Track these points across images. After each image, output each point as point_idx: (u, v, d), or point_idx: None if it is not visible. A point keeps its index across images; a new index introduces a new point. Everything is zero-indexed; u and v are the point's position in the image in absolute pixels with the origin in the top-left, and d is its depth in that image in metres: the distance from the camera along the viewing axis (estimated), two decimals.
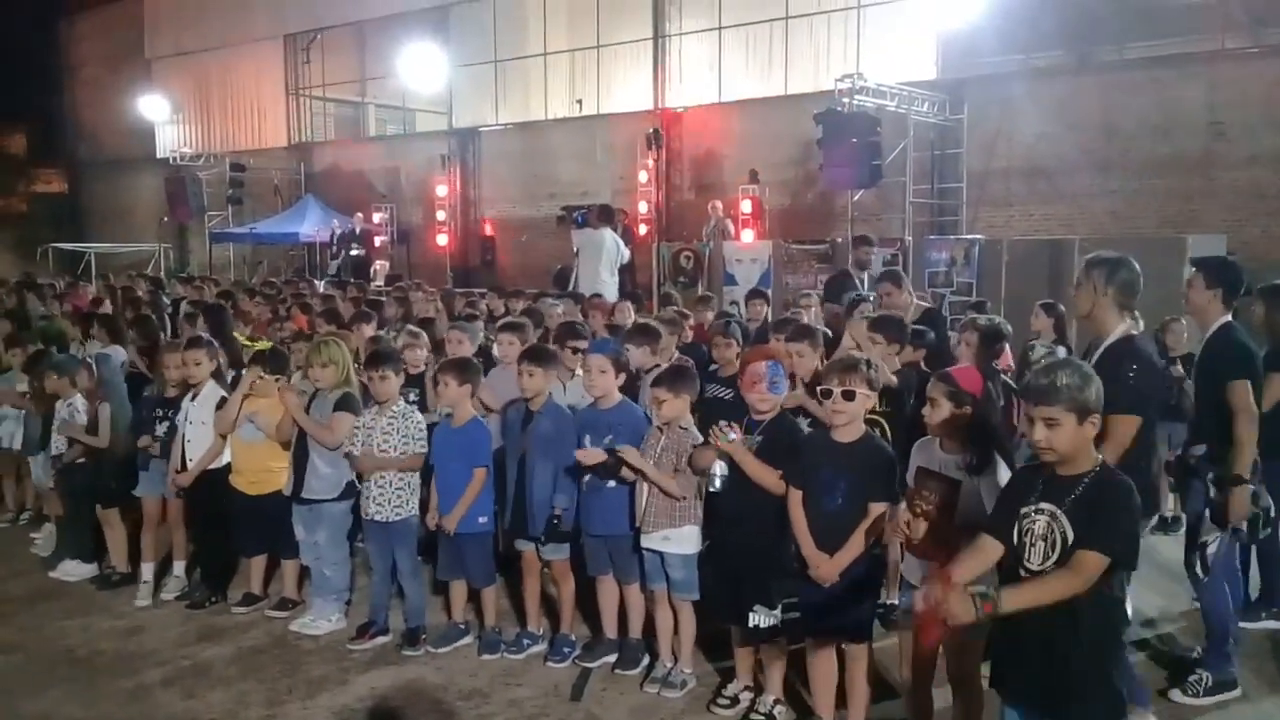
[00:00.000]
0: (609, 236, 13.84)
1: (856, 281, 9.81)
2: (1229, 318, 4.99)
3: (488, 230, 24.04)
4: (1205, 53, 15.92)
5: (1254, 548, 5.47)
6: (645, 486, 4.99)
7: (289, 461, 5.98)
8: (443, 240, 23.41)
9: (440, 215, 23.49)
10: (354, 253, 22.62)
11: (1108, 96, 16.38)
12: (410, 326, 7.89)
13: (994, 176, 17.52)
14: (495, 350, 7.30)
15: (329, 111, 29.31)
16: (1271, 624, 5.71)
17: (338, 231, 23.23)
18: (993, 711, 3.56)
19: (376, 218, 24.23)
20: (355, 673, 5.35)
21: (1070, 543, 3.07)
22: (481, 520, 5.53)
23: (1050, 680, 3.12)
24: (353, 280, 17.67)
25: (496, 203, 24.54)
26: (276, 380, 6.17)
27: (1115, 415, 4.06)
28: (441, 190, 23.67)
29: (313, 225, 24.49)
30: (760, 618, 4.55)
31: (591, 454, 5.02)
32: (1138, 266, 4.47)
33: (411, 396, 6.30)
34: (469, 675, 5.29)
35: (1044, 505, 3.16)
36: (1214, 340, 4.98)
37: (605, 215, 14.38)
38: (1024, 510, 3.21)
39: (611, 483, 5.13)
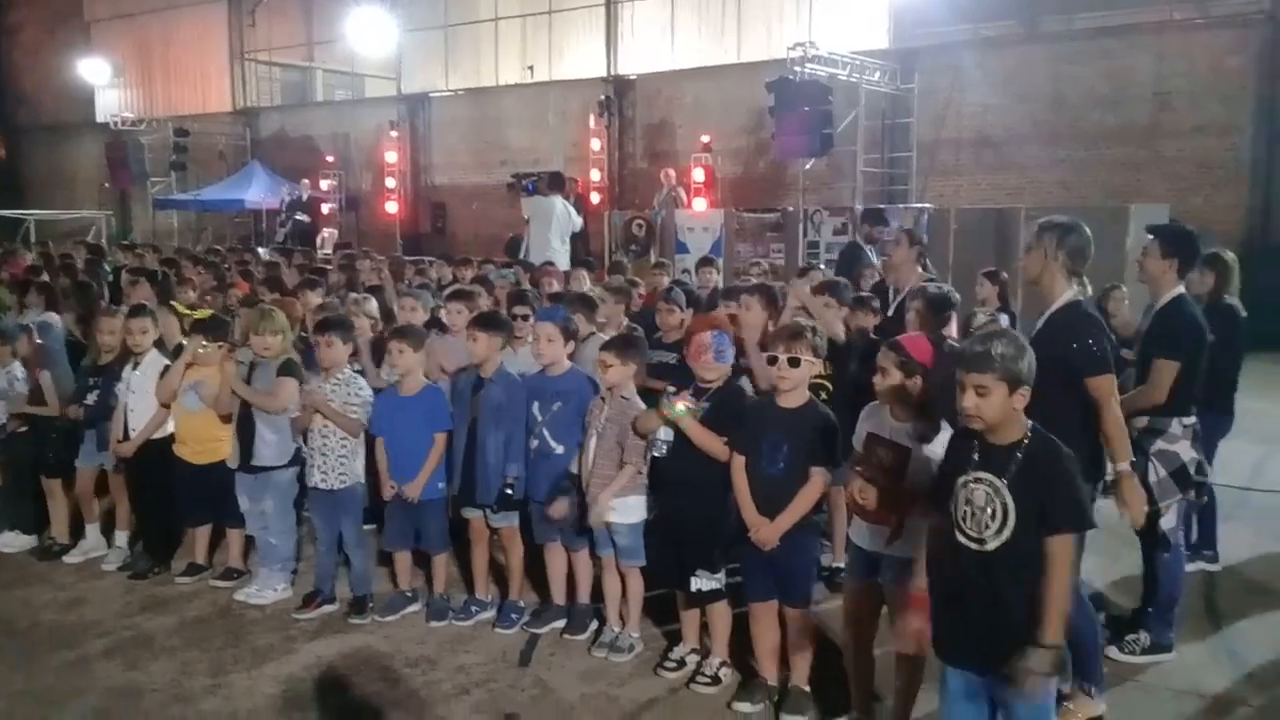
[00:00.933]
0: (559, 204, 13.78)
1: (867, 253, 9.81)
2: (1182, 289, 4.98)
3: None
4: (1152, 23, 16.13)
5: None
6: (591, 457, 5.01)
7: (233, 431, 5.92)
8: (392, 208, 23.25)
9: (390, 182, 23.32)
10: (299, 217, 22.29)
11: (1056, 67, 16.56)
12: (355, 294, 7.82)
13: (943, 146, 17.68)
14: (444, 318, 7.28)
15: (275, 76, 28.82)
16: (1203, 565, 5.83)
17: (286, 198, 22.88)
18: (932, 673, 3.64)
19: (324, 184, 23.93)
20: (301, 641, 5.34)
21: (1013, 516, 3.12)
22: (440, 486, 5.55)
23: (993, 640, 3.17)
24: (299, 248, 17.44)
25: (447, 170, 24.34)
26: (220, 347, 6.10)
27: (1093, 378, 4.15)
28: (391, 157, 23.47)
29: (259, 192, 24.13)
30: (703, 582, 4.61)
31: (558, 508, 5.07)
32: (1089, 232, 4.47)
33: (355, 366, 6.25)
34: (416, 643, 5.30)
35: (984, 475, 3.21)
36: (1163, 314, 4.96)
37: (555, 183, 14.31)
38: (962, 479, 3.26)
39: (559, 449, 5.15)
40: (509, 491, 5.28)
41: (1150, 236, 5.08)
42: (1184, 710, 4.56)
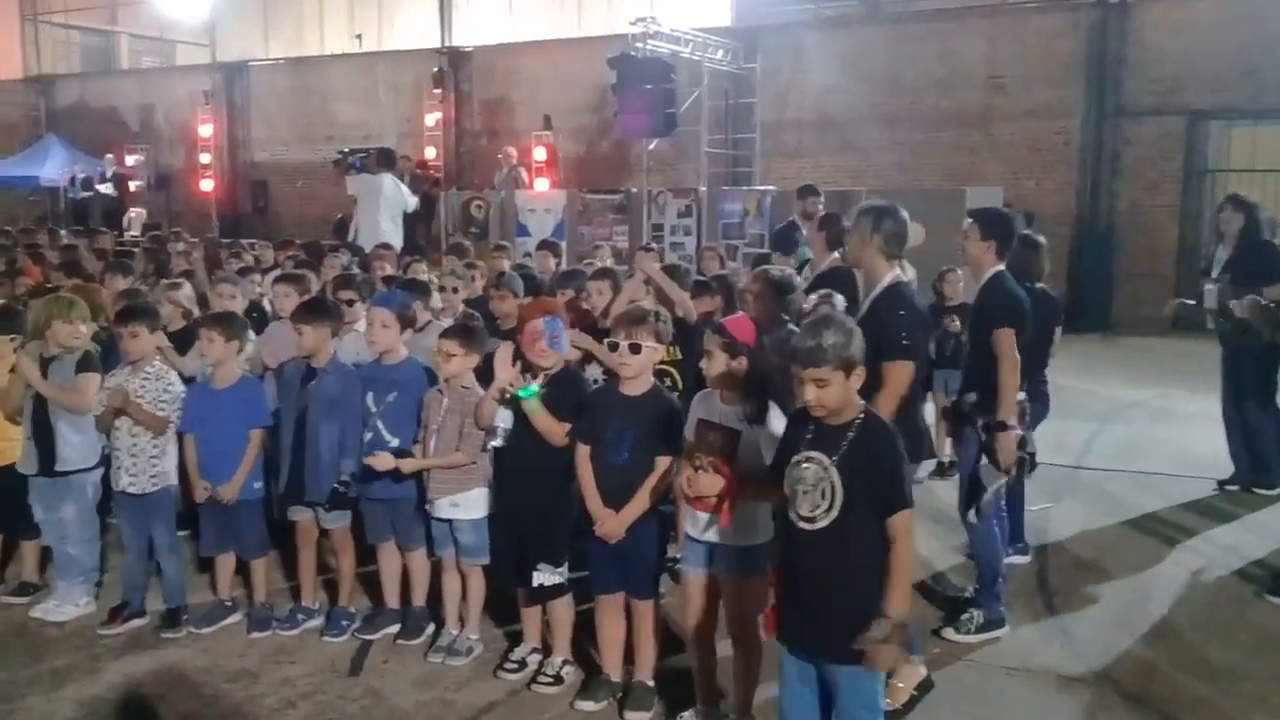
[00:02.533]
0: (388, 182, 13.43)
1: (805, 232, 9.84)
2: (1001, 267, 5.23)
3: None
4: (984, 6, 16.88)
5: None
6: (430, 453, 4.95)
7: (27, 433, 5.57)
8: (208, 186, 22.41)
9: (204, 158, 22.46)
10: (101, 188, 21.12)
11: (894, 49, 17.15)
12: (166, 280, 7.48)
13: (786, 127, 18.08)
14: (268, 304, 7.05)
15: (74, 40, 27.23)
16: (1016, 559, 6.17)
17: (76, 176, 21.63)
18: (773, 660, 3.72)
19: (131, 160, 22.80)
20: (107, 660, 5.07)
21: (840, 494, 3.25)
22: (256, 486, 5.38)
23: (824, 621, 3.29)
24: (103, 229, 16.52)
25: (268, 145, 23.57)
26: (12, 341, 5.73)
27: (890, 362, 4.31)
28: (206, 130, 22.60)
29: (55, 168, 22.78)
30: (544, 576, 4.60)
31: (382, 460, 4.94)
32: (905, 216, 4.64)
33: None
34: (237, 655, 5.12)
35: (814, 454, 3.33)
36: (986, 289, 5.23)
37: (385, 159, 13.92)
38: (795, 458, 3.38)
39: (395, 441, 5.05)
40: (343, 489, 5.15)
41: (969, 220, 5.34)
42: (1015, 686, 4.80)
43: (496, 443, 4.63)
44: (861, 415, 3.33)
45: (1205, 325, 7.98)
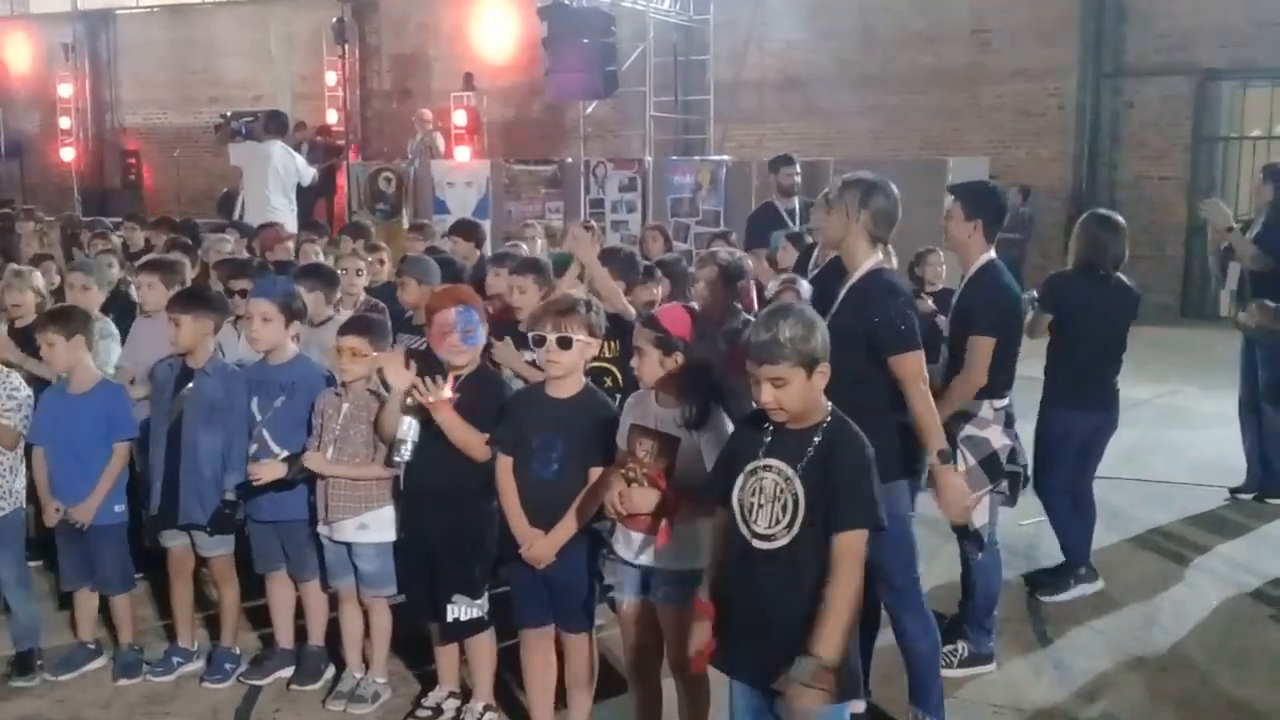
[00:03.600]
0: (278, 150, 13.24)
1: (784, 214, 9.80)
2: (991, 254, 5.18)
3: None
4: None
5: None
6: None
7: None
8: (68, 155, 22.24)
9: (64, 122, 22.30)
10: None
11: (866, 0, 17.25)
12: (15, 265, 7.35)
13: (744, 89, 18.15)
14: (136, 294, 6.94)
15: None
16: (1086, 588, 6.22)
17: None
18: (721, 694, 3.75)
19: None
20: None
21: (803, 508, 3.26)
22: (118, 509, 5.30)
23: (775, 650, 3.29)
24: None
25: (140, 108, 23.29)
26: None
27: (897, 357, 4.32)
28: (65, 90, 22.42)
29: None
30: (461, 609, 4.58)
31: (268, 468, 4.90)
32: (896, 193, 4.59)
33: None
34: (100, 707, 5.05)
35: (773, 463, 3.34)
36: (973, 282, 5.18)
37: (275, 124, 13.72)
38: (750, 466, 3.38)
39: (282, 454, 4.99)
40: (228, 510, 5.10)
41: (950, 197, 5.26)
42: None
43: (402, 457, 4.58)
44: (828, 419, 3.35)
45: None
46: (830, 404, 3.39)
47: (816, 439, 3.31)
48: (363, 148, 20.52)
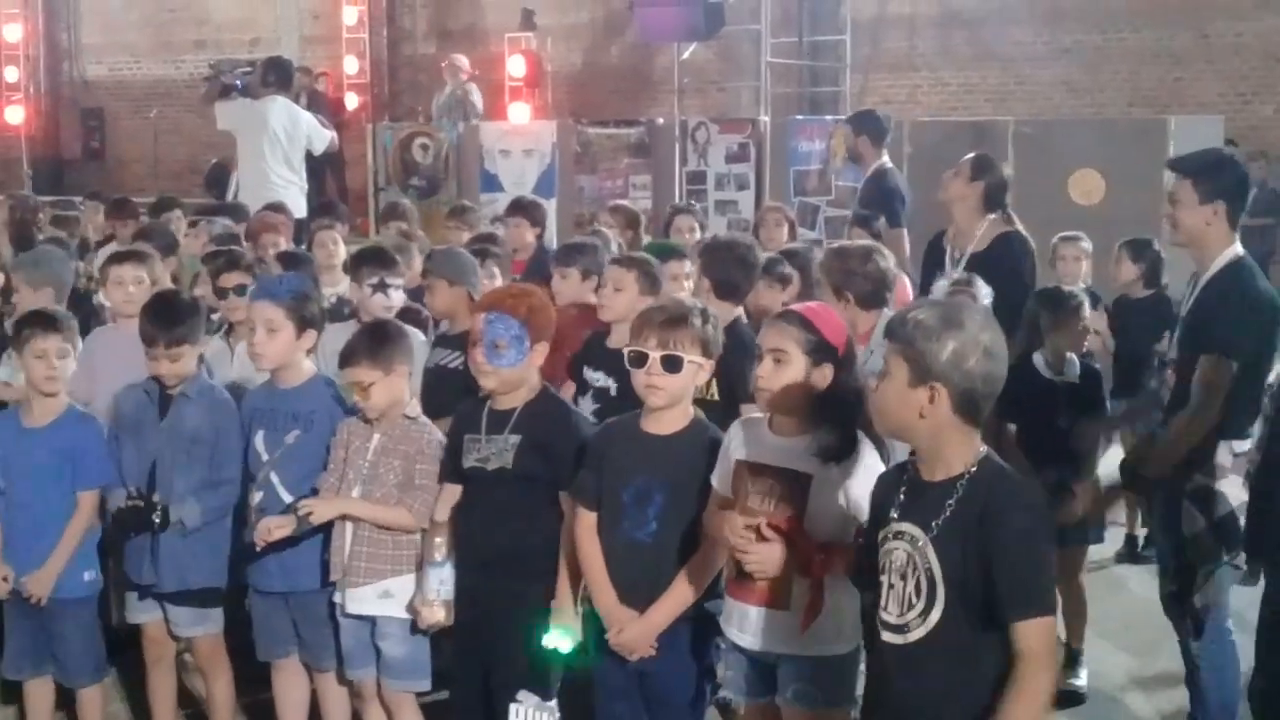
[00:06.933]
0: (278, 109, 13.32)
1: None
2: (1238, 248, 5.17)
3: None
4: None
5: None
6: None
7: None
8: (15, 115, 22.59)
9: (10, 74, 22.69)
10: None
11: None
12: None
13: (891, 28, 18.09)
14: (100, 298, 7.08)
15: None
16: None
17: None
18: None
19: None
20: None
21: (940, 589, 3.25)
22: (87, 577, 5.37)
23: None
24: None
25: (106, 55, 23.80)
26: None
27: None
28: (11, 33, 22.86)
29: None
30: (528, 711, 4.55)
31: (277, 523, 4.93)
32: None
33: None
34: None
35: (905, 527, 3.35)
36: (1212, 288, 5.17)
37: (274, 75, 13.79)
38: (882, 533, 3.41)
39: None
40: (139, 504, 5.13)
41: (1175, 175, 5.28)
42: None
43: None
44: (975, 468, 3.32)
45: None
46: (984, 449, 3.37)
47: (958, 493, 3.29)
48: (389, 107, 20.71)
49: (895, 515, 3.38)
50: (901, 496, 3.40)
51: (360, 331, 5.44)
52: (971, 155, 7.15)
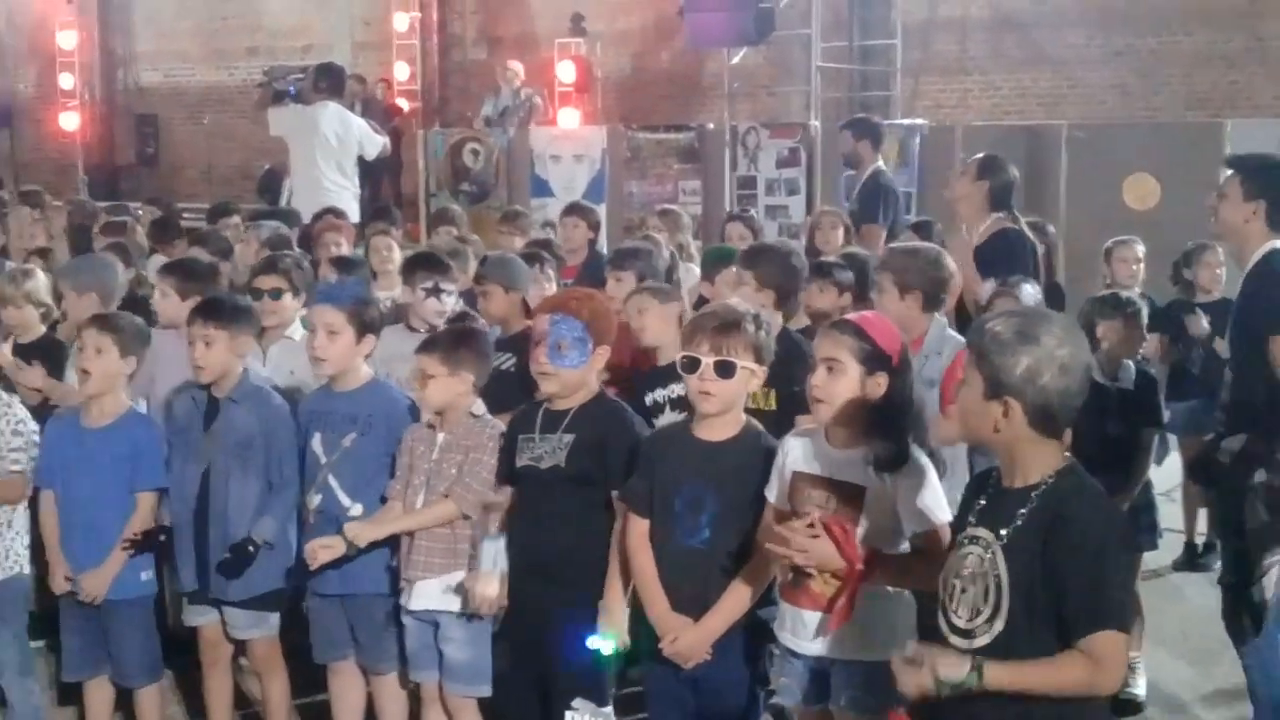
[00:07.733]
0: (329, 115, 13.39)
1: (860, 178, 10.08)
2: (1275, 242, 5.23)
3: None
4: None
5: None
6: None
7: None
8: (70, 122, 22.67)
9: (66, 81, 22.74)
10: None
11: None
12: (12, 264, 7.59)
13: (942, 30, 17.96)
14: (155, 303, 7.13)
15: None
16: None
17: None
18: None
19: None
20: None
21: (1006, 597, 3.23)
22: (143, 577, 5.41)
23: None
24: None
25: (161, 62, 23.89)
26: None
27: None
28: (67, 40, 22.93)
29: None
30: (583, 718, 4.55)
31: (325, 545, 4.98)
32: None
33: None
34: None
35: (979, 533, 3.34)
36: (1255, 276, 5.25)
37: (326, 81, 13.87)
38: (959, 536, 3.42)
39: (357, 509, 5.11)
40: (252, 550, 5.17)
41: (1229, 172, 5.39)
42: None
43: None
44: (1054, 477, 3.30)
45: None
46: (1069, 458, 3.36)
47: (1031, 504, 3.27)
48: (440, 113, 20.74)
49: (973, 520, 3.39)
50: (983, 501, 3.40)
51: (451, 328, 5.58)
52: (980, 155, 7.20)
